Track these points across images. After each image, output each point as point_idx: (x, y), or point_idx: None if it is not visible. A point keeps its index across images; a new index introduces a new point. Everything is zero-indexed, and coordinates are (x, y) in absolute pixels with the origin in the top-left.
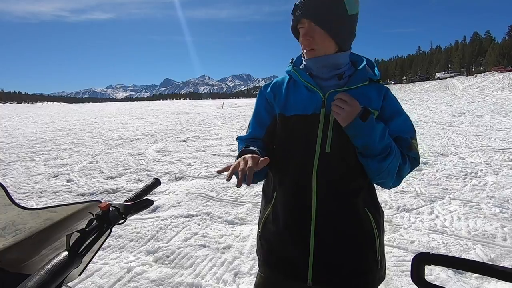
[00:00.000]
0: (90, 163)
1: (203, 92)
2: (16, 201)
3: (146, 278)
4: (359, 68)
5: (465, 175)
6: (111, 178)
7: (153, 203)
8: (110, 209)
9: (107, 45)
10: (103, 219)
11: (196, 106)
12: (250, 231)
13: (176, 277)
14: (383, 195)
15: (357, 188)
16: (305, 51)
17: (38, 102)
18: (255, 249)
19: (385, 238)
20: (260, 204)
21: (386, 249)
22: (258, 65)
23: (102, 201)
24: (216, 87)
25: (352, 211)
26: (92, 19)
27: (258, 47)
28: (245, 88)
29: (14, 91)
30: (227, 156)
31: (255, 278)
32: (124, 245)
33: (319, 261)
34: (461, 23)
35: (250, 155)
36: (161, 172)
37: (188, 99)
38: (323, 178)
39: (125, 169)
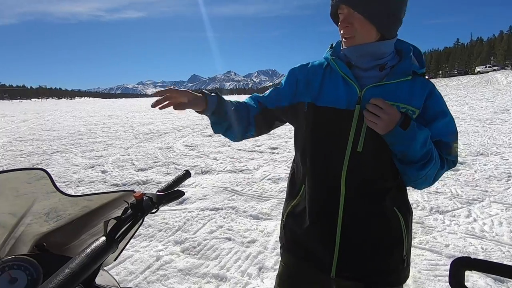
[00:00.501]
0: (123, 155)
1: (229, 88)
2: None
3: (173, 267)
4: (404, 59)
5: (509, 176)
6: (142, 170)
7: (184, 194)
8: (144, 198)
9: (139, 42)
10: (138, 207)
11: None
12: (275, 227)
13: (202, 268)
14: (414, 195)
15: (388, 189)
16: (344, 39)
17: (76, 97)
18: (279, 245)
19: (417, 240)
20: (283, 198)
21: (418, 251)
22: (284, 60)
23: (135, 191)
24: (241, 83)
25: (381, 211)
26: (125, 17)
27: (285, 42)
28: (271, 83)
29: (55, 88)
30: (252, 151)
31: None
32: (153, 234)
33: (344, 257)
34: (506, 12)
35: (184, 91)
36: (188, 166)
37: None
38: (352, 178)
39: (154, 162)
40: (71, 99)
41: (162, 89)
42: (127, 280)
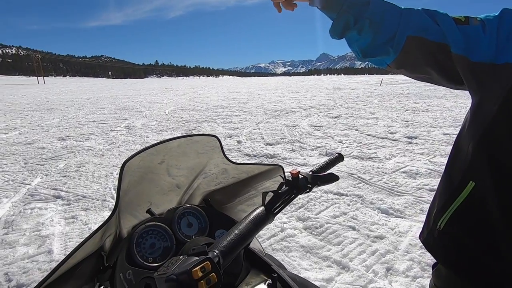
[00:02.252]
0: (254, 129)
1: (360, 67)
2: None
3: (296, 242)
4: None
5: None
6: (270, 144)
7: (338, 179)
8: (300, 177)
9: (272, 23)
10: (293, 185)
11: (350, 82)
12: (409, 228)
13: (323, 250)
14: None
15: None
16: None
17: (220, 76)
18: (413, 249)
19: None
20: (422, 198)
21: None
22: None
23: (282, 166)
24: None
25: None
26: (261, 0)
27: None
28: None
29: (206, 67)
30: (383, 138)
31: (412, 281)
32: None
33: None
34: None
35: None
36: (313, 146)
37: (342, 74)
38: None
39: (281, 138)
40: (216, 77)
41: None
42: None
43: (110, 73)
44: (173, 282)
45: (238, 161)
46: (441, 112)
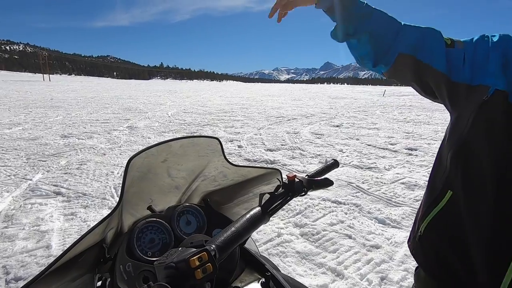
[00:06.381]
0: (255, 134)
1: (363, 77)
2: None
3: (292, 247)
4: None
5: None
6: (270, 150)
7: (333, 184)
8: (296, 180)
9: (277, 30)
10: (289, 187)
11: (353, 91)
12: (405, 239)
13: (319, 257)
14: None
15: None
16: None
17: (224, 80)
18: (409, 259)
19: None
20: None
21: None
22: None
23: (280, 170)
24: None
25: None
26: (270, 7)
27: (442, 24)
28: None
29: (210, 71)
30: (383, 148)
31: None
32: None
33: None
34: None
35: None
36: (313, 154)
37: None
38: None
39: (281, 145)
40: (220, 81)
41: None
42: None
43: (115, 73)
44: (171, 269)
45: (237, 164)
46: (442, 125)
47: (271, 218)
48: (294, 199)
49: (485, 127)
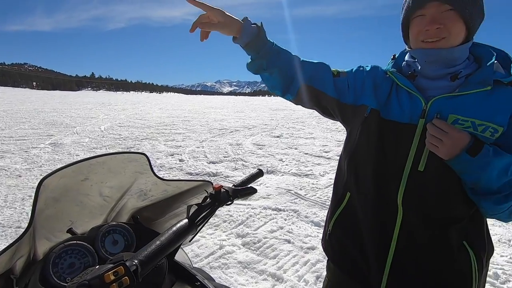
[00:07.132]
0: (198, 147)
1: None
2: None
3: (234, 258)
4: (484, 66)
5: None
6: (213, 163)
7: (256, 192)
8: (222, 190)
9: (219, 43)
10: (216, 198)
11: (292, 103)
12: None
13: (260, 264)
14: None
15: (456, 218)
16: (427, 42)
17: (164, 92)
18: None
19: None
20: None
21: None
22: (365, 62)
23: (211, 181)
24: None
25: (445, 243)
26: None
27: (367, 43)
28: None
29: (149, 82)
30: (319, 156)
31: None
32: (218, 224)
33: (394, 284)
34: None
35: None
36: (255, 164)
37: None
38: (411, 200)
39: (224, 157)
40: (160, 93)
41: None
42: (193, 261)
43: (34, 83)
44: (84, 287)
45: (167, 178)
46: None
47: (205, 229)
48: (232, 208)
49: (366, 137)
